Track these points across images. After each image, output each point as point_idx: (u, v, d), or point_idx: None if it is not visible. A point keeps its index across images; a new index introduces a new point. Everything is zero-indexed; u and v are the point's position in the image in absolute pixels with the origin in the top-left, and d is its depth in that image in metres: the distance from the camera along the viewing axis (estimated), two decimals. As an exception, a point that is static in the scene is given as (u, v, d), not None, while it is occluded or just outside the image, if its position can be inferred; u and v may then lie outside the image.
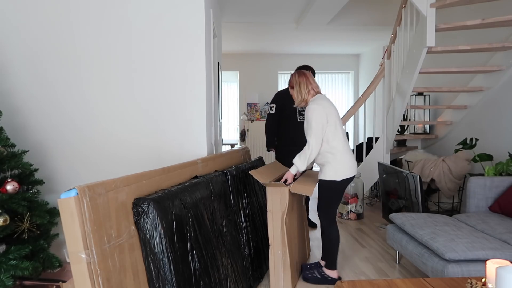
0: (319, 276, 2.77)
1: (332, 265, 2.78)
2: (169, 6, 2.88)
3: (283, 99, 3.90)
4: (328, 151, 2.65)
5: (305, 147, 2.64)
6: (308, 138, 2.63)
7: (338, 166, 2.65)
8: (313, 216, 4.34)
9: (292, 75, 2.84)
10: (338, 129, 2.66)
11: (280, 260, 2.61)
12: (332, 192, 2.71)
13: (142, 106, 2.92)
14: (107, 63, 2.88)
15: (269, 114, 3.95)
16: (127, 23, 2.87)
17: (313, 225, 4.11)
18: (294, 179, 2.78)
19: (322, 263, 2.88)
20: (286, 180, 2.71)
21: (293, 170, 2.70)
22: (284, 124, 3.87)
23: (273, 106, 3.93)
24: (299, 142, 3.83)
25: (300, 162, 2.66)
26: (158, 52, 2.91)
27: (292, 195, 2.73)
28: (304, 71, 2.83)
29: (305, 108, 3.84)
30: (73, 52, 2.86)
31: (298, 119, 3.84)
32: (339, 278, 2.81)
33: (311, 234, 3.85)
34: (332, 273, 2.78)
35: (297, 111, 3.85)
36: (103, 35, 2.87)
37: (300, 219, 3.11)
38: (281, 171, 3.08)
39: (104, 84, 2.89)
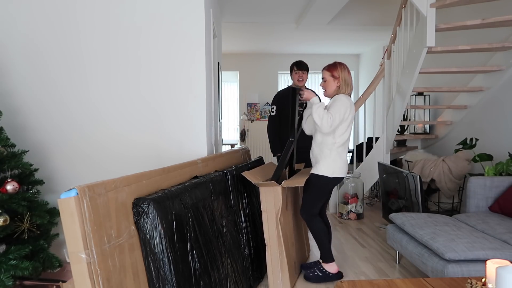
0: (320, 274, 2.77)
1: (327, 258, 2.77)
2: (169, 6, 2.88)
3: (282, 99, 3.89)
4: (329, 145, 2.66)
5: (328, 116, 2.55)
6: (330, 115, 2.55)
7: (332, 163, 2.67)
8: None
9: (339, 66, 2.71)
10: (348, 131, 2.70)
11: (277, 260, 2.61)
12: (320, 188, 2.72)
13: (142, 106, 2.92)
14: (108, 62, 2.88)
15: (270, 116, 3.92)
16: (127, 22, 2.87)
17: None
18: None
19: None
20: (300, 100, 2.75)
21: (314, 99, 2.65)
22: (284, 125, 3.85)
23: (273, 108, 3.90)
24: (300, 143, 3.82)
25: (317, 109, 2.57)
26: (157, 52, 2.90)
27: (286, 194, 2.73)
28: (348, 69, 2.77)
29: (304, 105, 3.85)
30: (75, 52, 2.86)
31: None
32: (340, 273, 2.81)
33: (310, 234, 3.84)
34: (330, 267, 2.78)
35: (296, 111, 3.83)
36: (104, 34, 2.86)
37: (297, 218, 3.11)
38: None
39: (106, 83, 2.89)
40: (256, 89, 8.78)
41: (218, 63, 4.39)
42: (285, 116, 3.84)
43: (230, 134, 9.16)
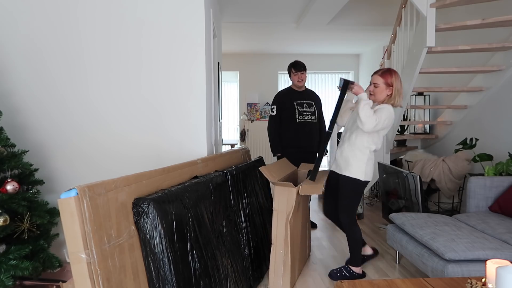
0: (347, 275, 2.83)
1: (357, 263, 2.85)
2: (169, 6, 2.88)
3: (283, 99, 3.89)
4: (363, 148, 2.68)
5: (374, 119, 2.55)
6: (376, 117, 2.56)
7: (365, 167, 2.70)
8: (313, 216, 4.34)
9: (394, 74, 2.71)
10: (381, 139, 2.74)
11: (281, 260, 2.61)
12: (356, 191, 2.77)
13: (142, 105, 2.92)
14: (109, 62, 2.88)
15: (271, 116, 3.91)
16: (128, 23, 2.87)
17: (313, 226, 4.10)
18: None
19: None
20: (346, 90, 2.72)
21: (363, 95, 2.61)
22: (284, 125, 3.84)
23: (274, 108, 3.90)
24: (300, 143, 3.82)
25: (365, 106, 2.54)
26: (158, 52, 2.90)
27: (299, 196, 2.73)
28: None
29: (308, 103, 3.86)
30: (75, 52, 2.86)
31: (298, 120, 3.82)
32: (364, 273, 2.89)
33: (311, 234, 3.84)
34: (358, 269, 2.86)
35: (297, 111, 3.83)
36: (105, 34, 2.86)
37: (304, 219, 3.11)
38: (291, 169, 3.08)
39: (106, 83, 2.89)
40: (256, 89, 8.78)
41: (218, 63, 4.39)
42: (285, 116, 3.84)
43: (230, 134, 9.16)
